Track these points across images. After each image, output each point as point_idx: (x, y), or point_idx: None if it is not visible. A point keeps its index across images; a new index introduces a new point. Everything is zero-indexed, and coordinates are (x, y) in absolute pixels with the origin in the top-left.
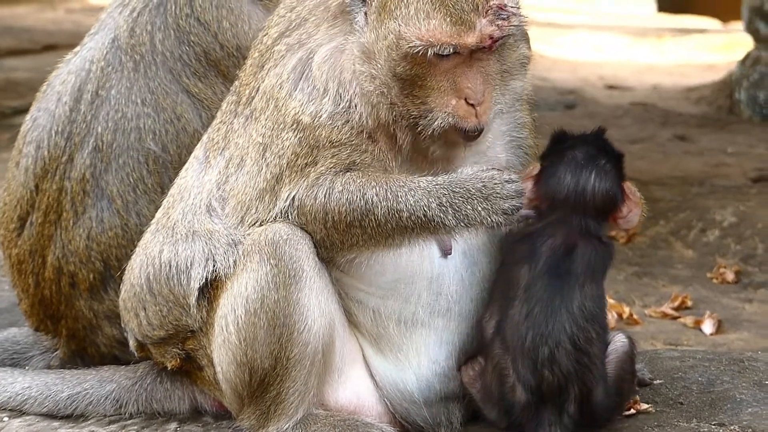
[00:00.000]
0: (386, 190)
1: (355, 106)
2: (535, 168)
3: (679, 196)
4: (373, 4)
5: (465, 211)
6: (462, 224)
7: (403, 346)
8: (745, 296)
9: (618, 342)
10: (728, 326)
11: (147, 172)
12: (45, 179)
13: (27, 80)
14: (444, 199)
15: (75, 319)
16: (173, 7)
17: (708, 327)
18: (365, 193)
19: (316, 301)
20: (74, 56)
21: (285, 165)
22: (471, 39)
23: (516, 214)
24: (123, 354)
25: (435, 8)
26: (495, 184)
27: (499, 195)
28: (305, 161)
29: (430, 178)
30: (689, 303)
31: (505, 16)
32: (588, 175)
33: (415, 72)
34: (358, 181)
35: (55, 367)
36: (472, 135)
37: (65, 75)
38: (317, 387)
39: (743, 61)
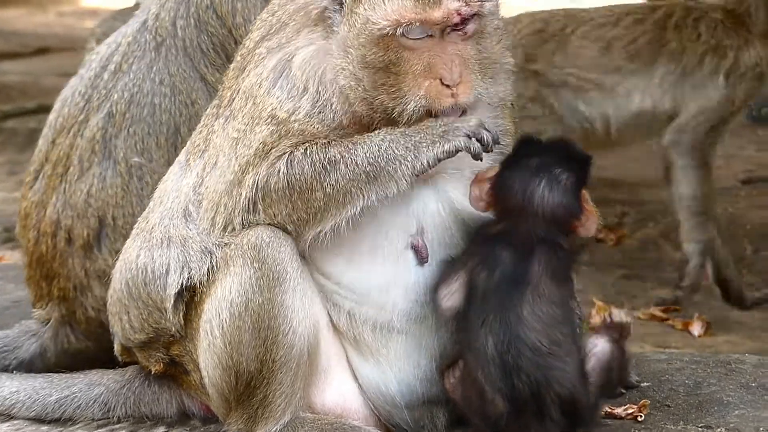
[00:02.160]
0: (347, 143)
1: (332, 104)
2: (493, 170)
3: (668, 198)
4: (346, 2)
5: (415, 138)
6: (412, 154)
7: (382, 351)
8: None
9: (598, 346)
10: (716, 328)
11: (156, 145)
12: (61, 134)
13: (18, 84)
14: (397, 134)
15: (67, 279)
16: None
17: (696, 329)
18: (327, 152)
19: (300, 303)
20: (118, 30)
21: (252, 154)
22: (437, 14)
23: (472, 140)
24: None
25: None
26: (448, 122)
27: (451, 128)
28: (271, 147)
29: (381, 130)
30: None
31: None
32: (537, 184)
33: (387, 58)
34: (320, 143)
35: (46, 341)
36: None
37: (103, 46)
38: (304, 389)
39: None
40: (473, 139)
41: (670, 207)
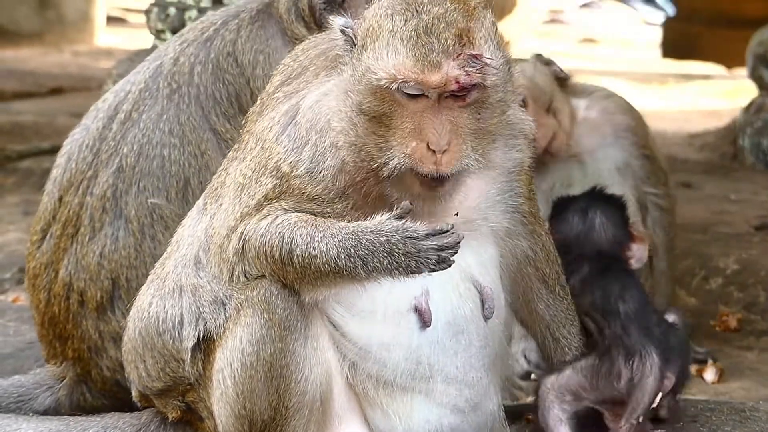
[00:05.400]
0: (309, 234)
1: (326, 160)
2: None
3: (682, 243)
4: (359, 38)
5: (373, 264)
6: (373, 276)
7: (388, 405)
8: (747, 344)
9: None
10: (730, 375)
11: (167, 200)
12: (69, 191)
13: (32, 124)
14: (353, 251)
15: (81, 340)
16: (218, 43)
17: (710, 375)
18: (294, 233)
19: (311, 350)
20: (125, 78)
21: (253, 205)
22: (435, 78)
23: (427, 268)
24: (125, 379)
25: (405, 45)
26: (397, 240)
27: (401, 251)
28: (269, 203)
29: (343, 225)
30: None
31: (478, 66)
32: (593, 214)
33: (381, 109)
34: (295, 220)
35: (62, 397)
36: (433, 184)
37: (109, 94)
38: None
39: (747, 108)
40: (441, 257)
41: (684, 252)
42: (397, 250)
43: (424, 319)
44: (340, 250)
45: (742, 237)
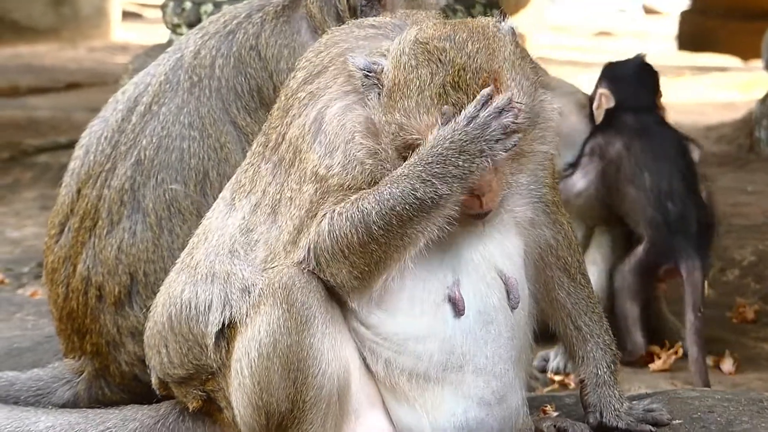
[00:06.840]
0: (374, 194)
1: (356, 168)
2: None
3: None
4: (385, 87)
5: (451, 173)
6: (456, 184)
7: (418, 398)
8: (764, 335)
9: None
10: (747, 365)
11: (184, 193)
12: (87, 184)
13: (49, 119)
14: (424, 175)
15: (99, 334)
16: (241, 37)
17: (727, 366)
18: (360, 206)
19: (329, 346)
20: (145, 70)
21: (304, 215)
22: None
23: (502, 141)
24: (143, 373)
25: (434, 104)
26: (461, 135)
27: (468, 139)
28: (318, 206)
29: (397, 170)
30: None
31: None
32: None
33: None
34: (352, 198)
35: (80, 391)
36: (480, 216)
37: (129, 85)
38: (335, 429)
39: (763, 100)
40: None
41: None
42: (465, 141)
43: (458, 307)
44: (413, 181)
45: (759, 228)
